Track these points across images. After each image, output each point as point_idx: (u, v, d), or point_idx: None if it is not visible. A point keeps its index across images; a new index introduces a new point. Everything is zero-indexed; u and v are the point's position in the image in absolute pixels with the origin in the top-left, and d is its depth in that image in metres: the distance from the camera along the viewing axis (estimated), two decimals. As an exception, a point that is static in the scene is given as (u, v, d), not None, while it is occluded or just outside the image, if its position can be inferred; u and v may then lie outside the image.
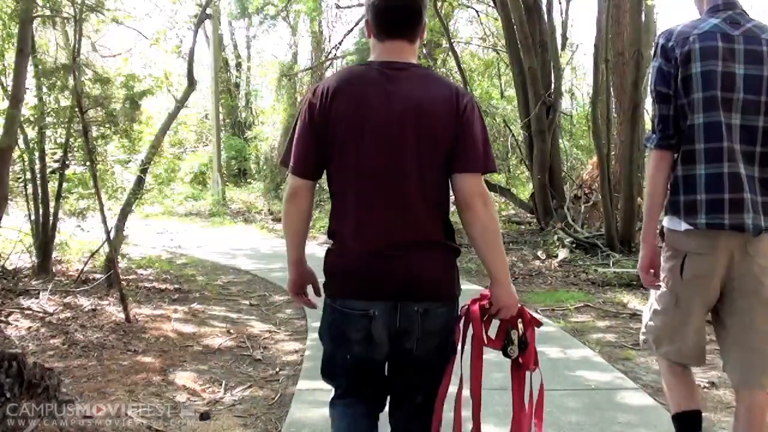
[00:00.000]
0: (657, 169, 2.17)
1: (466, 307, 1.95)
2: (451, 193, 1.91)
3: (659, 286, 2.25)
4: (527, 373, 2.00)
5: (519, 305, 1.94)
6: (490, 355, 2.22)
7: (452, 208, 1.95)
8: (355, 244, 1.84)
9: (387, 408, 2.06)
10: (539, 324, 2.00)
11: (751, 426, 2.10)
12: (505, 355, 1.96)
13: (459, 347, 1.93)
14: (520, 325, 1.95)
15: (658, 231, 2.28)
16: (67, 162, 6.36)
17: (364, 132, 1.81)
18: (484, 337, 1.93)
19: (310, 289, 2.08)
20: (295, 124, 1.93)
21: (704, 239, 2.09)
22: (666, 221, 2.21)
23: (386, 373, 1.99)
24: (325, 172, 1.91)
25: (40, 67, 6.06)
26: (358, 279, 1.85)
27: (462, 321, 1.94)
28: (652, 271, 2.26)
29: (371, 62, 1.91)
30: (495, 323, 1.97)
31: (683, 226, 2.12)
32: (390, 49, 1.88)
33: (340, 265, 1.90)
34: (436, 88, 1.87)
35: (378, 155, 1.81)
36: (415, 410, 1.97)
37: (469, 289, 6.43)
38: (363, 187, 1.83)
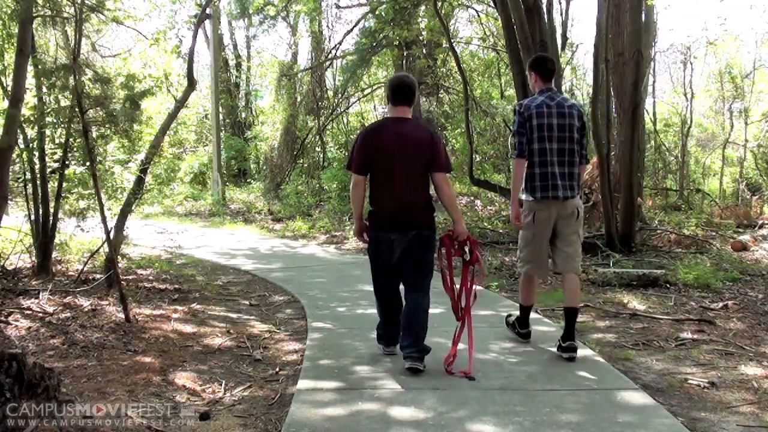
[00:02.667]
0: (518, 169, 4.33)
1: (443, 236, 4.09)
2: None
3: (521, 227, 4.41)
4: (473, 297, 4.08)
5: (467, 235, 4.07)
6: (490, 356, 4.19)
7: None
8: (387, 205, 3.96)
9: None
10: (478, 244, 4.22)
11: (570, 292, 4.29)
12: (462, 257, 4.10)
13: (437, 258, 4.13)
14: (469, 244, 4.07)
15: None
16: (67, 162, 6.36)
17: (388, 153, 3.92)
18: (453, 250, 4.09)
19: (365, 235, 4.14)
20: (354, 146, 4.09)
21: (543, 204, 4.24)
22: (524, 196, 4.34)
23: (396, 272, 4.03)
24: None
25: (40, 67, 6.06)
26: (388, 221, 3.95)
27: (440, 244, 4.10)
28: (518, 221, 4.40)
29: (390, 118, 4.05)
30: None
31: (530, 198, 4.28)
32: (399, 111, 4.01)
33: (379, 216, 4.00)
34: (421, 131, 4.06)
35: (395, 163, 3.91)
36: (415, 288, 4.00)
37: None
38: (389, 179, 3.95)
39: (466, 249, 4.04)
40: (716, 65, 17.87)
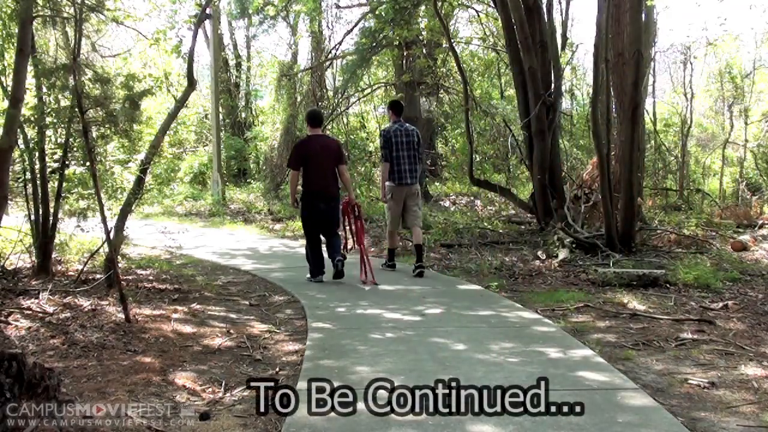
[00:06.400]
0: (384, 169, 7.36)
1: (342, 202, 7.10)
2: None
3: (386, 202, 7.52)
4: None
5: (355, 202, 7.26)
6: (490, 356, 4.23)
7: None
8: (314, 186, 6.85)
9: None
10: (361, 207, 7.67)
11: (416, 236, 7.38)
12: (353, 214, 7.16)
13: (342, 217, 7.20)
14: (357, 208, 7.28)
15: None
16: (67, 162, 6.36)
17: (314, 155, 6.83)
18: (348, 210, 7.16)
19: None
20: (292, 151, 7.26)
21: (397, 187, 7.25)
22: (388, 183, 7.28)
23: (319, 225, 6.92)
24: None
25: (40, 67, 6.06)
26: (316, 196, 6.84)
27: (341, 207, 7.10)
28: (384, 198, 7.49)
29: (312, 135, 7.04)
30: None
31: (392, 184, 7.26)
32: (316, 130, 7.07)
33: (310, 193, 6.86)
34: (332, 142, 7.32)
35: (318, 162, 6.82)
36: (331, 235, 6.97)
37: (469, 289, 6.40)
38: (314, 172, 6.82)
39: (356, 209, 7.16)
40: (716, 65, 17.85)
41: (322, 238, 7.05)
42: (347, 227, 7.24)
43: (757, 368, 4.00)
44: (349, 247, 7.34)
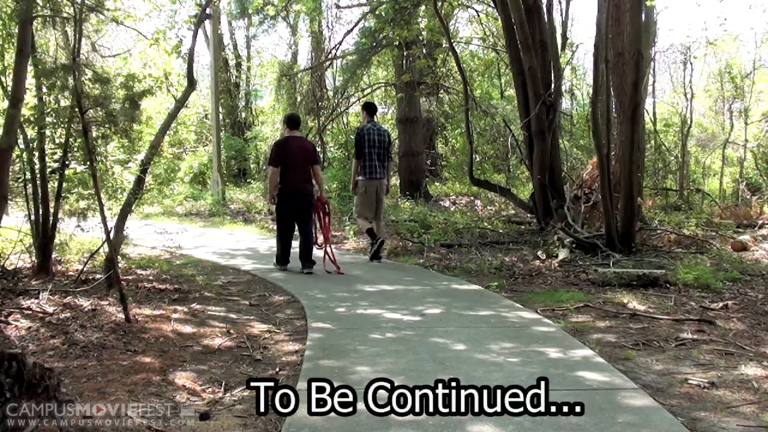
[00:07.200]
0: (356, 165, 8.32)
1: (315, 198, 7.76)
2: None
3: (357, 195, 8.48)
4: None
5: (326, 200, 8.00)
6: (490, 356, 4.20)
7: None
8: (291, 183, 7.51)
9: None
10: (330, 204, 8.41)
11: (378, 228, 8.42)
12: (322, 211, 7.79)
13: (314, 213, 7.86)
14: (327, 205, 8.01)
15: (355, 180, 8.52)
16: (67, 162, 6.35)
17: (292, 155, 7.51)
18: (319, 206, 7.81)
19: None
20: (273, 149, 7.85)
21: (369, 180, 8.21)
22: (359, 178, 8.26)
23: (292, 219, 7.68)
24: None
25: (40, 67, 6.06)
26: (293, 192, 7.53)
27: (314, 204, 7.80)
28: (355, 189, 8.45)
29: (290, 136, 7.75)
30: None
31: (363, 178, 8.22)
32: (294, 132, 7.83)
33: (287, 189, 7.52)
34: (308, 144, 8.11)
35: (296, 161, 7.51)
36: (305, 232, 7.65)
37: (469, 289, 6.39)
38: (293, 169, 7.49)
39: (326, 206, 7.83)
40: (716, 65, 17.88)
41: (296, 233, 7.82)
42: (319, 223, 7.86)
43: (757, 368, 4.00)
44: (320, 242, 7.93)
